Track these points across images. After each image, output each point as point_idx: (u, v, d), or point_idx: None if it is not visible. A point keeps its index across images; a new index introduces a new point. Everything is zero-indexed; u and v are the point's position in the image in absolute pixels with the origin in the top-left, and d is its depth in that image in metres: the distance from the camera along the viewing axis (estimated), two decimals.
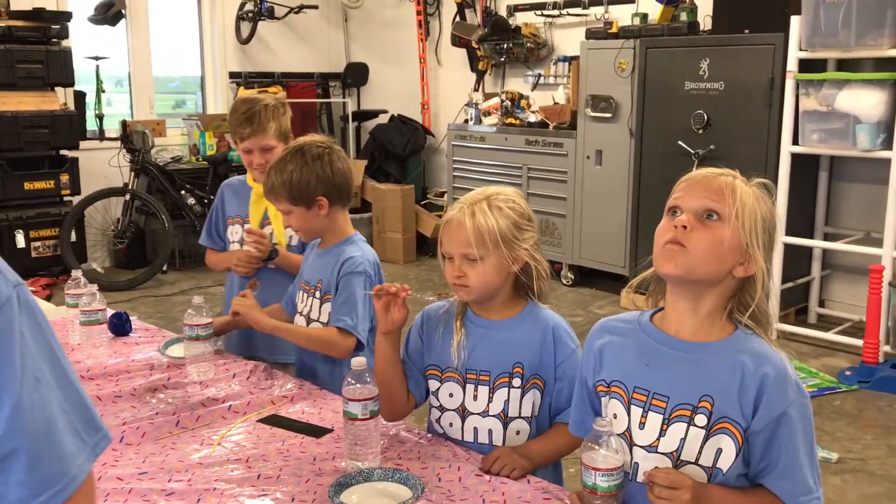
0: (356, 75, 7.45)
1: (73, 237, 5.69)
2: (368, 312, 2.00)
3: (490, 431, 1.65)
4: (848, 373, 4.09)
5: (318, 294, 2.10)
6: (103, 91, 6.21)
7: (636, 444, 1.36)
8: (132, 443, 1.72)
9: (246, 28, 6.83)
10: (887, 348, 4.16)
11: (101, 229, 6.17)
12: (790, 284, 4.74)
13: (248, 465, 1.61)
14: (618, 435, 1.35)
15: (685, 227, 1.29)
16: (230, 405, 1.88)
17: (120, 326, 2.41)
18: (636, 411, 1.36)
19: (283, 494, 1.49)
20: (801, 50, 4.36)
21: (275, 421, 1.82)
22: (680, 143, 4.88)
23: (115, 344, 2.35)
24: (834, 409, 3.70)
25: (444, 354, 1.68)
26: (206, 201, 6.01)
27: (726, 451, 1.30)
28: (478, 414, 1.66)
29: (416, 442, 1.70)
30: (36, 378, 0.81)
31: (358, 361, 1.56)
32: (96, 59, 6.09)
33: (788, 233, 4.54)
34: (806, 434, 1.30)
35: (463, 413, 1.68)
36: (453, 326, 1.68)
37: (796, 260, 4.77)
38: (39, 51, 5.50)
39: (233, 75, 6.88)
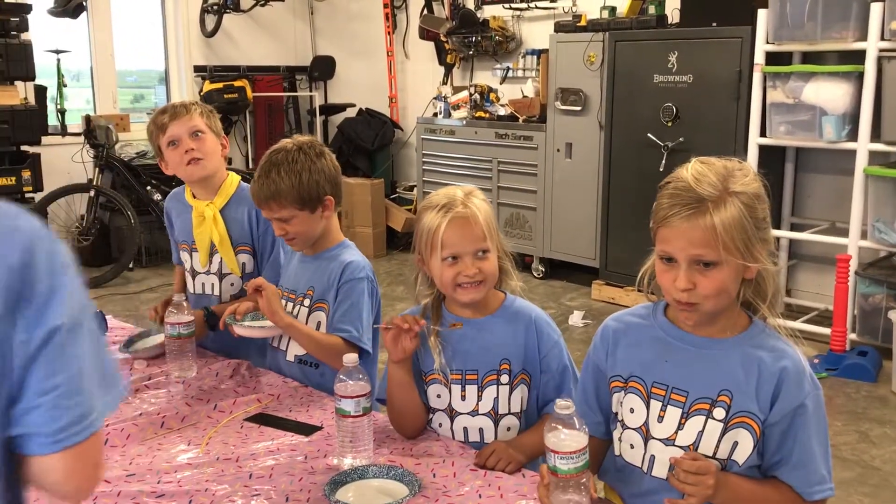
0: (323, 69, 7.39)
1: None
2: (371, 320, 1.96)
3: (481, 430, 1.65)
4: (816, 361, 4.15)
5: (307, 302, 2.01)
6: (65, 85, 6.09)
7: (654, 438, 1.38)
8: (116, 445, 1.68)
9: (211, 21, 6.74)
10: (854, 336, 4.24)
11: (65, 226, 6.05)
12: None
13: (238, 464, 1.59)
14: (635, 429, 1.37)
15: (691, 288, 1.28)
16: (216, 405, 1.86)
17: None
18: (655, 405, 1.38)
19: (276, 494, 1.47)
20: (768, 43, 4.41)
21: (263, 419, 1.80)
22: (649, 135, 4.91)
23: None
24: None
25: (427, 358, 1.67)
26: None
27: (743, 444, 1.33)
28: (467, 413, 1.66)
29: (409, 437, 1.69)
30: (79, 321, 0.90)
31: (349, 358, 1.55)
32: (57, 52, 5.97)
33: None
34: (819, 425, 1.32)
35: (451, 413, 1.67)
36: (427, 341, 1.66)
37: None
38: None
39: (198, 69, 6.79)
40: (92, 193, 5.80)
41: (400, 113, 7.26)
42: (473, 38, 6.34)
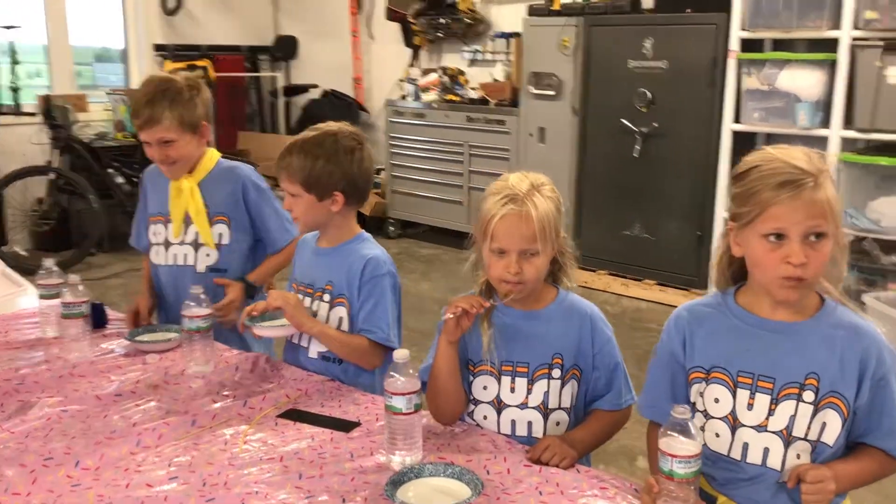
0: (285, 49, 7.26)
1: None
2: (396, 315, 1.94)
3: (530, 423, 1.64)
4: None
5: (326, 297, 1.97)
6: (18, 62, 5.86)
7: (744, 425, 1.41)
8: (150, 446, 1.62)
9: None
10: None
11: (21, 210, 5.84)
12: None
13: (283, 464, 1.54)
14: (720, 418, 1.40)
15: (805, 262, 1.31)
16: (245, 401, 1.81)
17: (98, 318, 2.28)
18: (743, 394, 1.41)
19: (330, 495, 1.43)
20: (742, 30, 4.47)
21: (296, 416, 1.76)
22: (623, 121, 4.95)
23: (93, 337, 2.22)
24: None
25: (477, 348, 1.65)
26: (135, 180, 5.75)
27: (831, 424, 1.37)
28: (516, 406, 1.64)
29: (450, 432, 1.67)
30: None
31: (401, 354, 1.52)
32: (9, 28, 5.73)
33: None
34: None
35: (499, 406, 1.65)
36: (480, 322, 1.63)
37: None
38: None
39: (158, 48, 6.59)
40: (52, 176, 5.59)
41: (365, 95, 7.17)
42: (442, 21, 6.28)
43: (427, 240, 6.31)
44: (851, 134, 4.24)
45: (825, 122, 4.30)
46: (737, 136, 4.62)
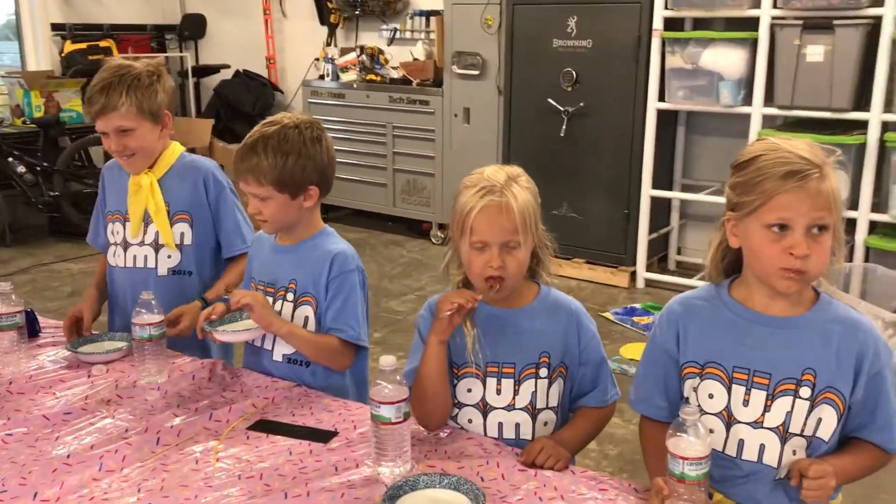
0: (193, 27, 6.95)
1: None
2: (364, 312, 1.85)
3: (517, 425, 1.59)
4: None
5: (290, 296, 1.86)
6: None
7: (739, 422, 1.39)
8: (114, 469, 1.50)
9: None
10: None
11: None
12: (654, 235, 4.98)
13: (264, 482, 1.45)
14: (714, 414, 1.37)
15: (808, 254, 1.30)
16: (210, 414, 1.69)
17: (31, 327, 2.11)
18: (738, 390, 1.39)
19: None
20: (666, 9, 4.51)
21: (268, 427, 1.66)
22: (550, 100, 4.94)
23: (27, 348, 2.05)
24: None
25: (460, 349, 1.59)
26: (38, 169, 5.41)
27: (827, 420, 1.37)
28: (502, 408, 1.59)
29: (435, 437, 1.60)
30: None
31: (387, 361, 1.44)
32: None
33: (653, 186, 4.76)
34: (892, 385, 1.38)
35: (484, 408, 1.60)
36: (462, 323, 1.57)
37: (659, 211, 5.00)
38: None
39: (56, 27, 6.20)
40: None
41: (279, 75, 6.96)
42: None
43: (351, 223, 6.19)
44: (772, 111, 4.35)
45: (747, 100, 4.40)
46: (661, 114, 4.68)
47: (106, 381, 1.87)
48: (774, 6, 4.20)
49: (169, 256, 2.16)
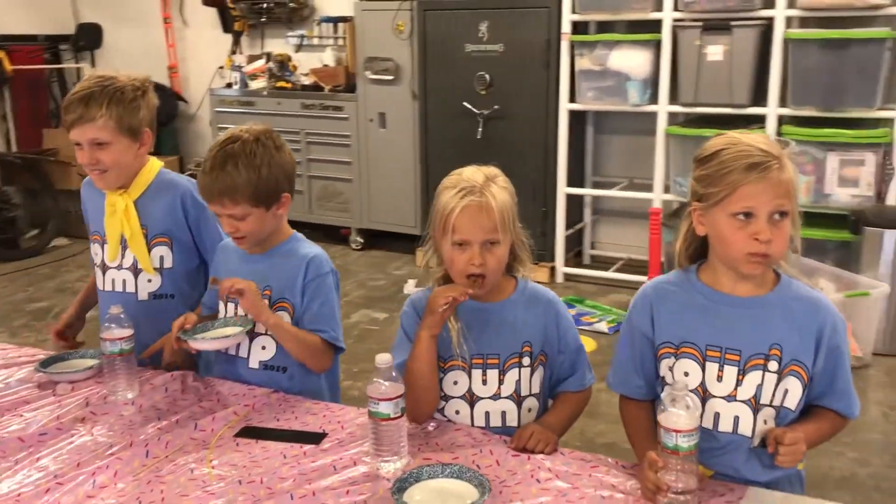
0: (89, 37, 6.72)
1: None
2: (339, 314, 1.88)
3: (503, 413, 1.66)
4: None
5: (266, 303, 1.85)
6: None
7: (714, 396, 1.49)
8: (107, 484, 1.49)
9: None
10: None
11: None
12: (570, 231, 5.16)
13: (266, 486, 1.47)
14: (690, 391, 1.46)
15: (771, 239, 1.41)
16: (196, 424, 1.69)
17: None
18: (712, 367, 1.49)
19: None
20: (573, 13, 4.69)
21: (256, 433, 1.67)
22: (465, 104, 5.04)
23: None
24: None
25: (445, 344, 1.65)
26: None
27: (792, 391, 1.49)
28: (489, 398, 1.66)
29: (423, 431, 1.65)
30: None
31: (383, 359, 1.48)
32: None
33: (568, 184, 4.93)
34: (848, 356, 1.52)
35: (471, 399, 1.66)
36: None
37: (572, 208, 5.17)
38: None
39: None
40: None
41: (183, 84, 6.81)
42: (265, 5, 6.07)
43: None
44: (677, 108, 4.58)
45: (653, 99, 4.61)
46: (572, 114, 4.85)
47: (74, 399, 1.83)
48: (675, 9, 4.43)
49: (149, 281, 2.10)
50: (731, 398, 1.50)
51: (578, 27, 4.78)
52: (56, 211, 5.91)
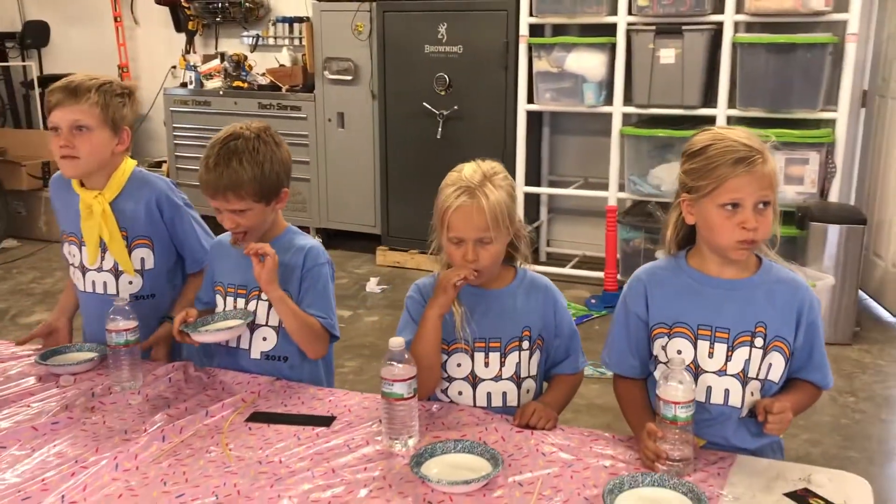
0: (35, 35, 6.62)
1: None
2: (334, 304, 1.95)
3: (504, 394, 1.75)
4: (594, 301, 4.71)
5: (265, 296, 1.90)
6: None
7: (706, 371, 1.62)
8: (129, 468, 1.53)
9: None
10: (620, 277, 4.85)
11: None
12: (527, 229, 5.27)
13: (285, 465, 1.53)
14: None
15: (757, 227, 1.53)
16: (207, 410, 1.74)
17: None
18: (703, 344, 1.61)
19: (355, 485, 1.45)
20: (531, 16, 4.81)
21: (266, 418, 1.73)
22: (425, 104, 5.12)
23: None
24: (596, 332, 4.26)
25: (448, 327, 1.73)
26: None
27: (776, 364, 1.62)
28: (490, 379, 1.75)
29: (428, 411, 1.73)
30: None
31: (397, 342, 1.56)
32: None
33: (525, 183, 5.06)
34: (822, 332, 1.66)
35: (474, 380, 1.75)
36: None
37: (529, 207, 5.30)
38: None
39: None
40: None
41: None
42: (220, 4, 6.06)
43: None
44: (631, 109, 4.74)
45: (609, 100, 4.77)
46: (530, 115, 4.98)
47: (78, 390, 1.86)
48: (630, 13, 4.59)
49: (130, 282, 2.11)
50: (721, 373, 1.62)
51: (536, 30, 4.91)
52: (5, 212, 5.80)
